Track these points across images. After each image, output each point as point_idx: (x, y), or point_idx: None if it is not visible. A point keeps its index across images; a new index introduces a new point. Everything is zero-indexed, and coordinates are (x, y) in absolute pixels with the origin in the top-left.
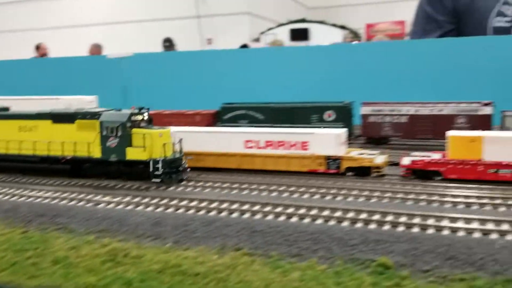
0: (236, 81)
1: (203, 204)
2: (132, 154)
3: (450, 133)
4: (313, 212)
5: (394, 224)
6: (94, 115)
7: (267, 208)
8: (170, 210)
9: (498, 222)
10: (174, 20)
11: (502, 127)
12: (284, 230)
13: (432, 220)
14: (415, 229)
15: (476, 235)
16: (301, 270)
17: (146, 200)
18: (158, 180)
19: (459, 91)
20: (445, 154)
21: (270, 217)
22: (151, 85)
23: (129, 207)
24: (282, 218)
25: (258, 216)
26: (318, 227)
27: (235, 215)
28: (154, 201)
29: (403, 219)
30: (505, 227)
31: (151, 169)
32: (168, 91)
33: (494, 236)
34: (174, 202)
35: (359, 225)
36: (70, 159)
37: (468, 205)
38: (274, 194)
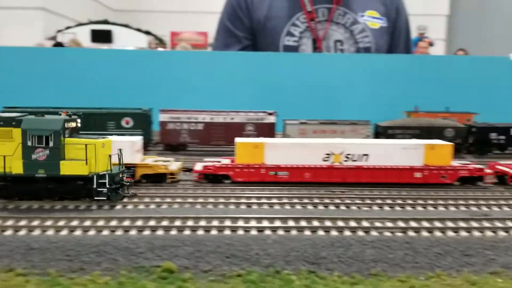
0: (28, 82)
1: None
2: (69, 168)
3: (238, 140)
4: (99, 223)
5: (181, 229)
6: (10, 121)
7: (48, 223)
8: None
9: (271, 220)
10: None
11: (284, 134)
12: (65, 245)
13: (216, 221)
14: (200, 232)
15: (253, 232)
16: (81, 285)
17: None
18: (104, 198)
19: (253, 100)
20: (234, 159)
21: (50, 232)
22: None
23: None
24: (64, 232)
25: (36, 232)
26: (103, 238)
27: (8, 232)
28: None
29: (189, 223)
30: (277, 223)
31: (94, 185)
32: None
33: (267, 232)
34: None
35: (146, 232)
36: None
37: (249, 205)
38: (58, 206)
